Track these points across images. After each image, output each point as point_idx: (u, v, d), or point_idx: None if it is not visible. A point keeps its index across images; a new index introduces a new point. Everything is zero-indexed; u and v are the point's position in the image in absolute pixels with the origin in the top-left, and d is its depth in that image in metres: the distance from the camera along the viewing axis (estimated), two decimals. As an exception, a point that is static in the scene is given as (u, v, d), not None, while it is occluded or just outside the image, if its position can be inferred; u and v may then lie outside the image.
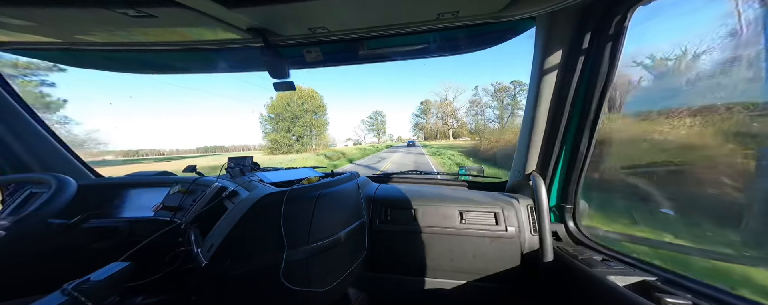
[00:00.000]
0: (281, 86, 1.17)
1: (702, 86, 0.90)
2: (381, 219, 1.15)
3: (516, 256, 1.06)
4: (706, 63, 0.87)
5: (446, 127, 66.31)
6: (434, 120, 70.66)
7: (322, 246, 0.88)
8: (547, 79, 0.97)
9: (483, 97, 54.85)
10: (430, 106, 71.88)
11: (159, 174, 1.48)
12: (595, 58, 0.87)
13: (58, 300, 0.53)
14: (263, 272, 0.79)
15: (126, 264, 0.68)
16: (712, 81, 0.86)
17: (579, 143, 0.99)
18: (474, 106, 56.04)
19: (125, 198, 1.29)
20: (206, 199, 1.06)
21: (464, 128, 60.55)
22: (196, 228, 0.95)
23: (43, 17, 0.79)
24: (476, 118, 56.40)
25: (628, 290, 0.70)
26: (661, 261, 0.81)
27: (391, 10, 0.83)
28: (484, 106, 54.36)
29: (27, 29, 0.86)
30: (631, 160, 1.13)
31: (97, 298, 0.57)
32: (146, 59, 1.25)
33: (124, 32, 0.92)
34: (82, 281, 0.59)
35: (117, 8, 0.70)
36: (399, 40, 1.07)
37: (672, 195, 0.98)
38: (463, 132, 60.74)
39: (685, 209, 0.96)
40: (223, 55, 1.21)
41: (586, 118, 0.95)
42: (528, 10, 0.83)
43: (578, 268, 0.85)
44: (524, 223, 1.09)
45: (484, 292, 1.10)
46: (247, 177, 1.18)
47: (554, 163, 1.07)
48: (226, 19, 0.82)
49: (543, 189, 1.02)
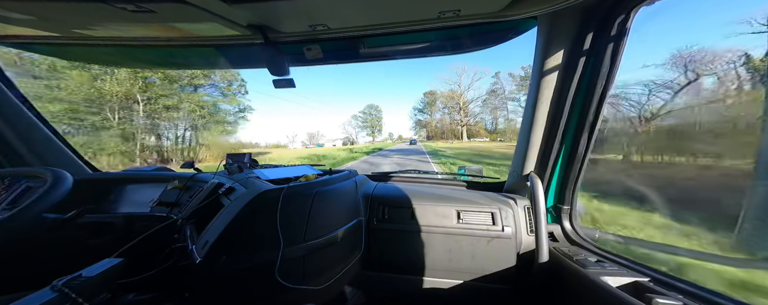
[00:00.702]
0: (281, 83, 1.16)
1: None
2: (378, 217, 1.15)
3: (512, 256, 1.06)
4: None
5: (455, 124, 52.39)
6: (440, 115, 57.58)
7: (319, 243, 0.87)
8: (547, 79, 0.97)
9: (506, 86, 43.66)
10: (436, 97, 58.00)
11: (156, 170, 1.47)
12: (597, 58, 0.87)
13: (47, 297, 0.52)
14: (258, 269, 0.79)
15: (119, 261, 0.67)
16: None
17: (578, 144, 0.99)
18: (494, 98, 44.17)
19: (122, 193, 1.28)
20: (203, 196, 1.05)
21: (480, 126, 48.74)
22: (192, 224, 0.94)
23: (43, 11, 0.79)
24: (496, 114, 45.55)
25: (619, 290, 0.70)
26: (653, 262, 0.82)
27: (392, 8, 0.83)
28: (505, 97, 43.72)
29: (26, 23, 0.86)
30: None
31: (88, 295, 0.56)
32: (145, 55, 1.25)
33: (124, 27, 0.91)
34: (73, 277, 0.58)
35: (116, 3, 0.70)
36: (400, 38, 1.07)
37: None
38: (479, 130, 48.57)
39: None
40: (223, 52, 1.20)
41: (586, 119, 0.94)
42: (530, 9, 0.83)
43: (573, 269, 0.85)
44: (521, 224, 1.09)
45: (479, 292, 1.10)
46: (245, 173, 1.17)
47: (552, 164, 1.07)
48: (225, 15, 0.81)
49: (540, 190, 1.02)
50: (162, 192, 1.22)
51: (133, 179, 1.33)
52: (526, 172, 1.15)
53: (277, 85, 1.17)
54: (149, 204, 1.17)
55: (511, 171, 1.26)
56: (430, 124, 59.67)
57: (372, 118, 69.42)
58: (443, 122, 56.57)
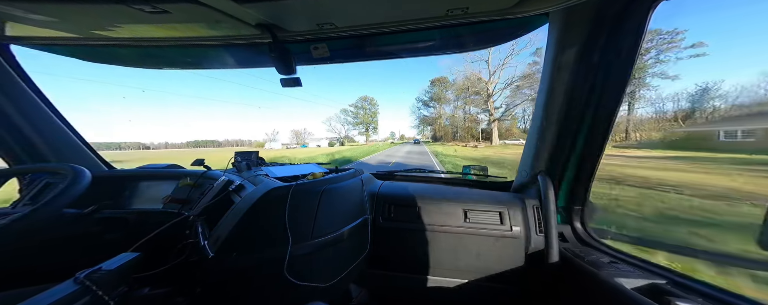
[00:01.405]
0: (288, 82, 1.18)
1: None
2: (384, 216, 1.15)
3: (520, 256, 1.04)
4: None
5: (471, 120, 36.48)
6: (452, 109, 41.90)
7: (326, 241, 0.88)
8: (559, 76, 0.95)
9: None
10: (447, 86, 42.37)
11: (168, 167, 1.51)
12: (613, 54, 0.84)
13: (71, 289, 0.55)
14: (267, 265, 0.80)
15: (136, 255, 0.70)
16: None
17: (591, 143, 0.97)
18: (529, 84, 27.92)
19: (136, 189, 1.32)
20: (213, 192, 1.07)
21: (514, 122, 33.00)
22: (204, 220, 0.97)
23: (64, 13, 0.82)
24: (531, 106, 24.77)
25: (636, 293, 0.68)
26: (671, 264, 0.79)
27: (399, 6, 0.82)
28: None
29: (48, 24, 0.89)
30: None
31: (107, 288, 0.59)
32: (159, 54, 1.28)
33: (139, 28, 0.94)
34: (93, 270, 0.60)
35: (134, 4, 0.72)
36: (407, 36, 1.06)
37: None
38: (510, 129, 32.89)
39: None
40: (233, 51, 1.22)
41: (600, 117, 0.92)
42: (541, 6, 0.81)
43: (585, 270, 0.83)
44: (530, 223, 1.07)
45: (486, 291, 1.09)
46: (254, 171, 1.19)
47: (563, 163, 1.05)
48: (235, 15, 0.82)
49: (550, 189, 1.00)
50: (174, 188, 1.25)
51: (146, 176, 1.37)
52: (535, 171, 1.13)
53: (284, 85, 1.19)
54: (162, 201, 1.20)
55: (520, 170, 1.24)
56: (439, 121, 45.10)
57: (365, 114, 53.69)
58: (456, 118, 40.62)
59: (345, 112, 54.99)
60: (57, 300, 0.51)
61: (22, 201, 1.20)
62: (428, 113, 49.48)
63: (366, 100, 53.40)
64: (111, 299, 0.58)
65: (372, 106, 53.66)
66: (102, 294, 0.56)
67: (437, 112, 46.11)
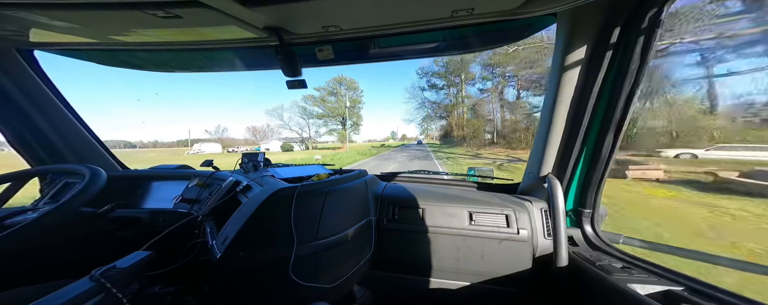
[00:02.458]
0: (294, 84, 1.19)
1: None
2: (388, 217, 1.15)
3: (527, 260, 1.02)
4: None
5: (519, 107, 20.23)
6: (479, 89, 25.55)
7: (331, 242, 0.88)
8: (568, 76, 0.93)
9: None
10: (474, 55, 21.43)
11: (179, 168, 1.55)
12: (624, 54, 0.82)
13: (86, 286, 0.57)
14: (274, 266, 0.81)
15: (148, 253, 0.72)
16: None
17: (601, 145, 0.94)
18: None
19: (148, 189, 1.36)
20: (221, 193, 1.10)
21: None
22: (212, 220, 0.99)
23: (84, 19, 0.85)
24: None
25: (651, 299, 0.65)
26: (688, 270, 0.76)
27: (404, 7, 0.82)
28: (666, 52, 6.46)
29: (69, 30, 0.93)
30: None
31: (121, 285, 0.61)
32: (170, 58, 1.32)
33: (152, 32, 0.97)
34: (108, 268, 0.63)
35: (148, 10, 0.74)
36: (411, 38, 1.06)
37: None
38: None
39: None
40: (241, 54, 1.25)
41: (611, 118, 0.89)
42: (548, 6, 0.80)
43: (595, 275, 0.81)
44: (538, 226, 1.05)
45: (492, 295, 1.07)
46: (260, 172, 1.21)
47: (573, 165, 1.02)
48: (244, 18, 0.84)
49: (560, 192, 0.98)
50: (184, 189, 1.28)
51: (157, 177, 1.41)
52: (543, 173, 1.11)
53: (290, 86, 1.21)
54: (172, 201, 1.23)
55: (527, 172, 1.22)
56: (453, 112, 28.01)
57: (338, 106, 32.32)
58: (481, 106, 24.78)
59: (311, 99, 32.96)
60: (74, 297, 0.54)
61: (43, 200, 1.25)
62: (436, 98, 29.28)
63: (342, 82, 33.12)
64: (124, 296, 0.60)
65: (351, 92, 33.52)
66: (116, 292, 0.58)
67: (454, 96, 26.48)
